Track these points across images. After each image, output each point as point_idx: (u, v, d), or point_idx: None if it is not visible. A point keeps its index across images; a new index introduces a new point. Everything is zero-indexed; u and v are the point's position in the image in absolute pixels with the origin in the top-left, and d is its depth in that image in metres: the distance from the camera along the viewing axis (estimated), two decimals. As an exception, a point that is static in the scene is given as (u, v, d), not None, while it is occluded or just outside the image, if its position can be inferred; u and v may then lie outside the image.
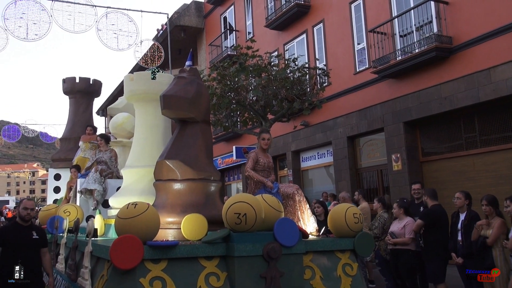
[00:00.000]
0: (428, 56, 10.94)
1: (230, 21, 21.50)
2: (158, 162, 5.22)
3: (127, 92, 6.70)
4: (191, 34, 23.56)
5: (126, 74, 6.86)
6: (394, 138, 12.37)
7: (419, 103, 11.68)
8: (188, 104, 5.13)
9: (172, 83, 5.39)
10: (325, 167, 15.83)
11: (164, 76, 6.78)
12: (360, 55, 13.92)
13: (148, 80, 6.54)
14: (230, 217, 4.22)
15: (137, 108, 6.83)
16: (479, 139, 10.71)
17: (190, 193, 5.05)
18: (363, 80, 13.44)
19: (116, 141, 9.12)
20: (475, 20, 10.39)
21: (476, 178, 10.63)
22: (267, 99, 12.48)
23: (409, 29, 11.93)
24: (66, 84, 13.47)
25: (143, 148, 6.53)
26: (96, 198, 7.59)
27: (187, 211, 4.81)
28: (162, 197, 5.13)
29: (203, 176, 5.14)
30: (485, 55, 10.13)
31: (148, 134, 6.57)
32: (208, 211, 4.90)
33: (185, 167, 5.05)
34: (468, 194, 6.95)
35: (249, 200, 4.26)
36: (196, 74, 5.51)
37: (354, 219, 4.74)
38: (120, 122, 9.09)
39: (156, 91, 6.34)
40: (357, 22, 14.02)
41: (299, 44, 16.53)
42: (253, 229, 4.23)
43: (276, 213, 4.56)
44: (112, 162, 8.17)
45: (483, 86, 10.15)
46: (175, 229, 4.83)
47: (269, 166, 5.83)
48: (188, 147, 5.19)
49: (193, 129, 5.29)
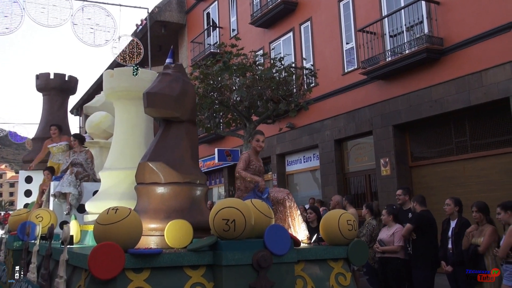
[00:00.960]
0: (419, 58, 11.09)
1: (213, 17, 21.49)
2: (140, 164, 5.12)
3: (107, 89, 6.58)
4: (172, 30, 23.47)
5: (105, 70, 6.70)
6: (383, 141, 12.51)
7: (408, 106, 11.83)
8: (173, 102, 5.03)
9: (156, 80, 5.29)
10: (311, 171, 15.92)
11: (147, 72, 6.68)
12: (348, 55, 14.04)
13: (130, 77, 6.41)
14: (217, 223, 4.14)
15: (117, 106, 6.70)
16: (470, 143, 10.88)
17: (174, 198, 4.93)
18: (352, 81, 13.56)
19: (93, 142, 8.94)
20: (466, 21, 10.58)
21: (467, 184, 10.81)
22: (251, 100, 12.52)
23: (399, 29, 12.08)
24: (40, 80, 13.24)
25: (123, 149, 6.39)
26: (70, 202, 7.44)
27: (171, 217, 4.70)
28: (144, 201, 5.02)
29: (189, 180, 5.03)
30: (477, 57, 10.31)
31: (128, 134, 6.44)
32: (193, 217, 4.80)
33: (169, 169, 4.94)
34: (458, 201, 7.06)
35: (238, 206, 4.18)
36: (181, 71, 5.43)
37: (348, 226, 4.67)
38: (97, 121, 8.92)
39: (138, 88, 6.22)
40: (346, 21, 14.15)
41: (286, 43, 16.61)
42: (242, 237, 4.15)
43: (266, 219, 4.49)
44: (88, 164, 8.02)
45: (475, 89, 10.33)
46: (158, 236, 4.72)
47: (261, 170, 5.78)
48: (172, 149, 5.08)
49: (178, 129, 5.18)
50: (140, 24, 23.53)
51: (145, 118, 6.48)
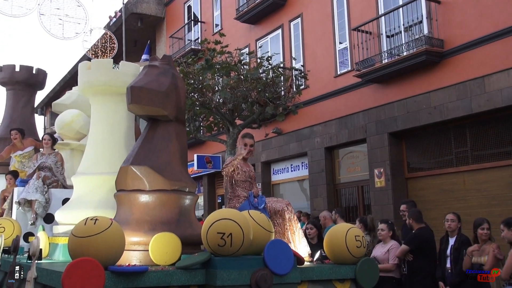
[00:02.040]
0: (417, 60, 11.21)
1: (195, 11, 21.47)
2: (122, 168, 4.93)
3: (83, 83, 6.30)
4: (149, 23, 23.38)
5: (81, 62, 6.46)
6: (377, 150, 12.60)
7: (406, 112, 11.95)
8: (161, 98, 4.85)
9: (142, 73, 5.11)
10: (299, 181, 15.95)
11: (129, 65, 6.48)
12: (342, 55, 14.14)
13: (110, 70, 6.17)
14: (212, 237, 3.94)
15: (94, 103, 6.44)
16: (471, 154, 11.02)
17: (160, 207, 4.75)
18: (345, 84, 13.65)
19: (63, 143, 8.67)
20: (469, 22, 10.74)
21: (467, 198, 10.93)
22: (235, 102, 12.51)
23: (397, 29, 12.20)
24: (4, 72, 12.90)
25: (101, 151, 6.17)
26: (36, 211, 7.19)
27: (156, 229, 4.53)
28: (126, 211, 4.82)
29: (177, 187, 4.86)
30: (479, 61, 10.46)
31: (107, 135, 6.20)
32: (182, 229, 4.61)
33: (155, 175, 4.76)
34: (459, 216, 7.16)
35: (236, 217, 3.98)
36: (170, 64, 5.26)
37: (356, 242, 4.48)
38: (69, 120, 8.61)
39: (119, 83, 6.06)
40: (340, 18, 14.26)
41: (274, 41, 16.67)
42: (239, 253, 3.97)
43: (266, 233, 4.32)
44: (57, 168, 7.78)
45: (476, 96, 10.48)
46: (141, 251, 4.52)
47: (251, 176, 5.68)
48: (159, 151, 4.90)
49: (166, 130, 5.00)
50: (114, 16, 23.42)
51: (126, 117, 6.31)
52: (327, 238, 4.70)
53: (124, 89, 5.90)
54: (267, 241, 4.20)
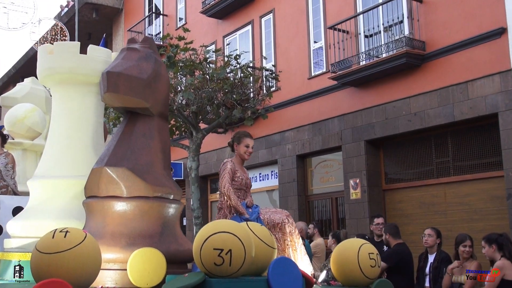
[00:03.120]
0: (397, 63, 11.37)
1: (156, 3, 21.34)
2: (94, 170, 4.54)
3: (44, 69, 5.82)
4: (105, 15, 23.12)
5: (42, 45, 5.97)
6: (353, 159, 12.73)
7: (384, 119, 12.11)
8: (143, 87, 4.49)
9: (119, 57, 4.72)
10: (268, 191, 15.97)
11: (100, 50, 6.00)
12: (316, 56, 14.26)
13: (76, 54, 5.65)
14: (207, 254, 3.56)
15: (56, 94, 5.96)
16: (453, 165, 11.22)
17: (140, 218, 4.38)
18: (319, 87, 13.75)
19: (14, 143, 8.14)
20: (452, 23, 10.95)
21: (447, 212, 11.12)
22: (200, 104, 12.45)
23: (376, 29, 12.37)
24: None
25: (64, 151, 5.68)
26: None
27: (136, 244, 4.17)
28: (98, 222, 4.43)
29: (160, 193, 4.49)
30: (463, 66, 10.67)
31: (71, 132, 5.72)
32: (166, 244, 4.27)
33: (134, 179, 4.39)
34: (439, 232, 7.29)
35: (236, 231, 3.62)
36: (152, 47, 4.90)
37: (370, 261, 4.17)
38: (21, 116, 8.06)
39: (87, 70, 5.63)
40: (315, 15, 14.38)
41: (243, 38, 16.69)
42: (238, 273, 3.61)
43: (268, 250, 3.99)
44: (7, 171, 7.34)
45: (459, 102, 10.68)
46: (117, 271, 4.15)
47: (247, 184, 5.44)
48: (139, 151, 4.54)
49: (146, 126, 4.64)
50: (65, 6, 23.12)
51: (95, 111, 5.89)
52: (336, 256, 4.35)
53: (93, 77, 5.61)
54: (269, 259, 3.93)
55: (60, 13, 23.11)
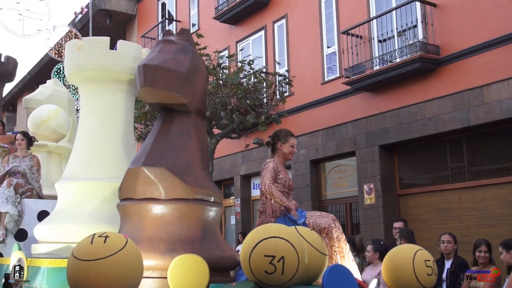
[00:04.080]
0: (411, 67, 11.31)
1: (169, 9, 21.45)
2: (131, 170, 4.25)
3: (72, 66, 5.59)
4: (119, 21, 23.27)
5: (70, 41, 5.77)
6: (367, 164, 12.67)
7: (398, 124, 12.04)
8: (181, 82, 4.22)
9: (155, 50, 4.46)
10: (281, 196, 15.93)
11: (130, 45, 5.78)
12: (329, 61, 14.23)
13: (106, 50, 5.45)
14: (257, 261, 3.30)
15: (84, 92, 5.75)
16: (468, 170, 11.13)
17: (180, 222, 4.11)
18: (333, 92, 13.71)
19: (39, 145, 7.93)
20: (467, 28, 10.88)
21: (463, 218, 11.01)
22: (213, 109, 12.49)
23: (390, 34, 12.32)
24: None
25: (92, 151, 5.47)
26: (6, 226, 6.50)
27: (176, 250, 3.91)
28: (134, 226, 4.15)
29: (200, 196, 4.21)
30: (478, 70, 10.59)
31: (101, 132, 5.49)
32: (208, 250, 4.00)
33: (173, 179, 4.10)
34: (455, 237, 7.23)
35: (288, 236, 3.35)
36: (190, 40, 4.62)
37: (427, 268, 3.86)
38: (45, 117, 7.87)
39: (117, 66, 5.43)
40: (328, 20, 14.36)
41: (256, 43, 16.71)
42: (291, 282, 3.36)
43: (320, 257, 3.79)
44: (33, 173, 7.11)
45: (474, 107, 10.60)
46: (156, 279, 3.89)
47: (290, 186, 5.17)
48: (177, 150, 4.26)
49: (184, 123, 4.36)
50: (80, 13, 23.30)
51: (124, 109, 5.67)
52: (388, 263, 4.03)
53: (123, 74, 5.46)
54: (321, 266, 3.75)
55: (74, 19, 23.30)
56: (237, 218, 16.71)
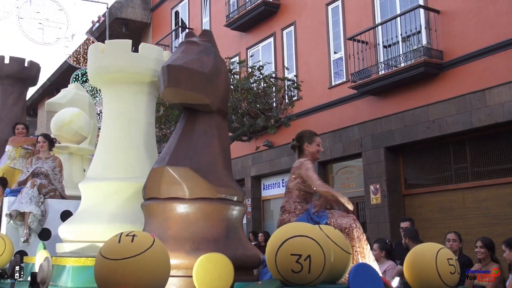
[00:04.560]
0: (415, 72, 11.28)
1: (182, 17, 21.53)
2: (155, 170, 4.16)
3: (94, 69, 5.51)
4: (134, 29, 23.38)
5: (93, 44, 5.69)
6: (373, 165, 12.63)
7: (403, 126, 12.00)
8: (204, 82, 4.13)
9: (179, 50, 4.38)
10: (290, 197, 15.92)
11: (151, 48, 5.71)
12: (336, 66, 14.21)
13: (128, 53, 5.37)
14: (283, 260, 3.20)
15: (107, 94, 5.66)
16: (471, 171, 11.07)
17: (204, 221, 4.01)
18: (339, 96, 13.70)
19: (60, 147, 7.83)
20: (469, 33, 10.84)
21: (466, 217, 10.96)
22: (225, 113, 12.55)
23: (394, 39, 12.30)
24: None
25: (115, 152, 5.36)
26: (30, 226, 6.37)
27: (200, 249, 3.81)
28: (159, 225, 4.05)
29: (224, 195, 4.13)
30: (480, 74, 10.54)
31: (123, 133, 5.39)
32: (233, 249, 3.90)
33: (197, 179, 4.00)
34: (460, 236, 7.20)
35: (314, 234, 3.26)
36: (212, 41, 4.56)
37: (450, 267, 3.74)
38: (67, 120, 7.76)
39: (139, 68, 5.34)
40: (335, 27, 14.35)
41: (265, 49, 16.72)
42: (317, 281, 3.24)
43: (344, 255, 3.68)
44: (55, 174, 6.98)
45: (477, 109, 10.55)
46: (181, 277, 3.78)
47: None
48: (201, 150, 4.18)
49: (207, 123, 4.29)
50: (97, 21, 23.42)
51: (146, 111, 5.56)
52: (410, 262, 3.89)
53: (145, 76, 5.38)
54: (346, 265, 3.66)
55: (92, 28, 23.42)
56: (248, 218, 16.71)
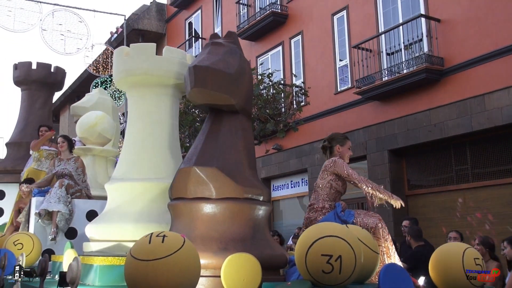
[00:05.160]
0: (417, 78, 11.26)
1: (195, 27, 21.62)
2: (182, 170, 4.01)
3: (120, 72, 5.38)
4: (150, 39, 23.47)
5: (118, 48, 5.62)
6: (377, 167, 12.60)
7: (406, 130, 11.98)
8: (230, 83, 3.98)
9: (204, 52, 4.25)
10: (298, 197, 15.92)
11: (175, 51, 5.56)
12: (342, 73, 14.21)
13: (152, 56, 5.25)
14: (314, 261, 3.04)
15: (132, 96, 5.52)
16: (471, 172, 11.02)
17: (231, 221, 3.86)
18: (345, 101, 13.69)
19: (85, 149, 7.74)
20: (469, 41, 10.81)
21: (467, 216, 10.91)
22: (236, 118, 12.57)
23: (397, 47, 12.28)
24: (19, 70, 11.67)
25: (140, 153, 5.24)
26: (57, 224, 6.26)
27: (228, 249, 3.66)
28: (186, 225, 3.90)
29: (250, 195, 3.97)
30: (479, 79, 10.51)
31: (147, 134, 5.27)
32: (259, 249, 3.74)
33: (224, 179, 3.86)
34: (462, 234, 7.17)
35: (344, 235, 3.11)
36: (236, 42, 4.45)
37: (476, 267, 3.61)
38: (92, 122, 7.70)
39: (163, 71, 5.22)
40: (340, 36, 14.35)
41: (274, 58, 16.76)
42: (348, 282, 3.11)
43: (372, 255, 3.53)
44: (78, 175, 6.90)
45: (477, 113, 10.51)
46: (209, 277, 3.63)
47: (345, 189, 4.91)
48: (227, 150, 4.05)
49: (232, 124, 4.16)
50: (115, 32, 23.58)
51: (170, 113, 5.42)
52: (436, 261, 3.68)
53: (169, 79, 5.26)
54: (374, 265, 3.52)
55: (110, 38, 23.59)
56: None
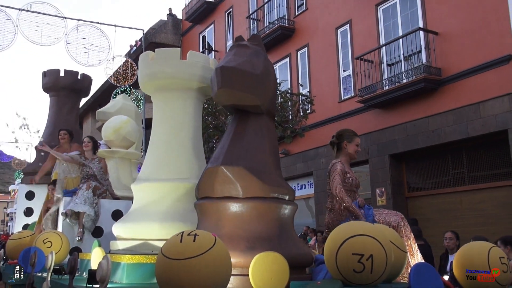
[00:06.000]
0: (416, 87, 11.22)
1: (209, 41, 21.71)
2: (209, 170, 3.83)
3: (145, 76, 5.25)
4: (166, 52, 23.71)
5: (144, 53, 5.48)
6: (379, 171, 12.54)
7: (405, 136, 11.92)
8: (256, 83, 3.81)
9: (231, 53, 4.10)
10: (305, 199, 15.87)
11: (198, 55, 5.35)
12: (345, 82, 14.19)
13: (177, 60, 5.08)
14: (344, 260, 2.83)
15: (157, 100, 5.38)
16: (467, 175, 10.94)
17: (257, 220, 3.67)
18: (348, 109, 13.66)
19: (110, 151, 7.63)
20: (464, 52, 10.76)
21: (463, 217, 10.83)
22: (246, 125, 12.56)
23: (397, 58, 12.24)
24: (48, 78, 11.53)
25: (166, 154, 5.10)
26: (84, 224, 6.17)
27: (255, 248, 3.46)
28: (213, 224, 3.72)
29: (276, 194, 3.80)
30: (475, 88, 10.46)
31: (173, 136, 5.12)
32: (287, 248, 3.56)
33: (251, 178, 3.68)
34: (457, 234, 7.10)
35: (374, 233, 2.89)
36: (261, 44, 4.26)
37: (502, 266, 3.34)
38: (117, 126, 7.58)
39: (187, 75, 5.06)
40: (343, 48, 14.34)
41: (282, 68, 16.77)
42: (379, 281, 2.90)
43: (401, 254, 3.34)
44: (101, 174, 6.85)
45: (472, 120, 10.44)
46: (237, 276, 3.43)
47: (357, 184, 4.61)
48: (253, 150, 3.86)
49: (257, 124, 3.98)
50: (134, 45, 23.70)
51: (193, 115, 5.26)
52: (460, 259, 3.46)
53: (192, 82, 5.13)
54: (402, 264, 3.33)
55: (130, 51, 23.72)
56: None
